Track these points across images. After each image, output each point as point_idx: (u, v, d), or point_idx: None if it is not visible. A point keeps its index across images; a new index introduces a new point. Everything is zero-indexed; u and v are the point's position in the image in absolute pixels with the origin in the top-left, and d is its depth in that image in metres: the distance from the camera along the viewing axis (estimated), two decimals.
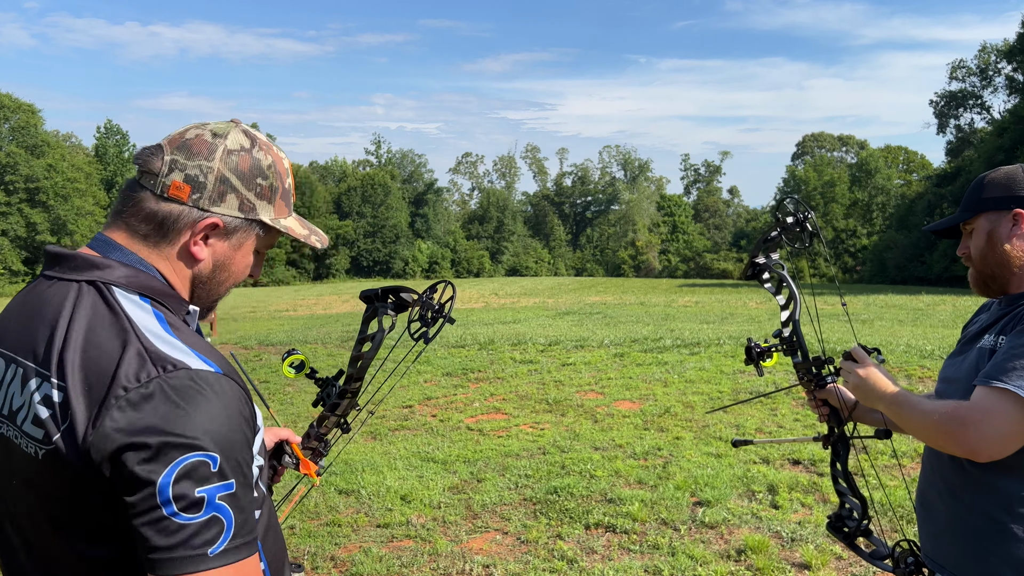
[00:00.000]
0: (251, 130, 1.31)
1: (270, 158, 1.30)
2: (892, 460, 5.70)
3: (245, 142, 1.27)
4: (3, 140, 53.78)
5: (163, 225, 1.20)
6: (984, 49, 54.17)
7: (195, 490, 0.99)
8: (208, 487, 1.00)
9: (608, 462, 6.04)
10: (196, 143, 1.22)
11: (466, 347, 12.39)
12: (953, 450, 1.66)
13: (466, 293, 38.82)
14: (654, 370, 9.60)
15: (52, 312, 1.13)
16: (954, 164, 53.52)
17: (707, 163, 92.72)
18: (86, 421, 1.03)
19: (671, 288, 44.17)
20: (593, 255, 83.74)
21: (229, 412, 1.06)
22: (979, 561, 1.73)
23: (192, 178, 1.21)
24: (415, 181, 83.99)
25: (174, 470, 0.98)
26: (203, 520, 0.99)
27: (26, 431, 1.09)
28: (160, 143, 1.23)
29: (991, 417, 1.58)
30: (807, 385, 2.13)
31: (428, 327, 1.72)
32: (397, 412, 8.46)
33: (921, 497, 1.95)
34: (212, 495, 1.00)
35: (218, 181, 1.22)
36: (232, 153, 1.24)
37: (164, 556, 0.98)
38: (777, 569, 4.08)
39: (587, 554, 4.42)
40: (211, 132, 1.24)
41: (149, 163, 1.21)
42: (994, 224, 1.80)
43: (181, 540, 0.98)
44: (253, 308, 33.44)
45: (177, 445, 0.99)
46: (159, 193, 1.20)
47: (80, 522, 1.08)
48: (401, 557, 4.47)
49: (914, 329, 15.93)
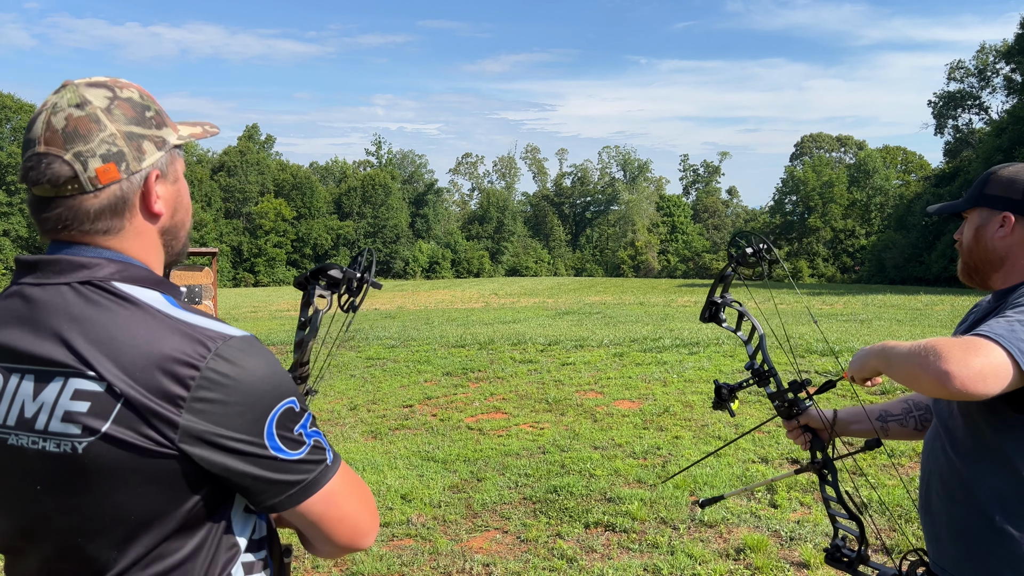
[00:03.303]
0: (94, 79, 1.24)
1: (133, 89, 1.26)
2: (890, 460, 5.73)
3: (107, 92, 1.21)
4: (4, 140, 53.82)
5: (116, 209, 1.20)
6: (983, 50, 54.25)
7: (293, 430, 1.16)
8: (299, 424, 1.18)
9: (607, 461, 6.06)
10: (77, 125, 1.16)
11: (466, 347, 12.41)
12: (930, 377, 1.56)
13: (466, 293, 38.84)
14: (653, 370, 9.62)
15: (52, 313, 1.13)
16: (952, 165, 53.58)
17: (706, 163, 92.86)
18: (149, 402, 1.07)
19: (670, 288, 44.18)
20: (592, 255, 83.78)
21: (276, 361, 1.20)
22: (977, 561, 1.74)
23: (108, 155, 1.18)
24: (415, 182, 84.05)
25: (272, 422, 1.14)
26: (310, 447, 1.18)
27: (53, 430, 1.09)
28: (35, 152, 1.16)
29: (974, 348, 1.54)
30: (785, 413, 2.08)
31: (354, 296, 1.79)
32: (397, 412, 8.48)
33: (922, 501, 1.96)
34: (304, 428, 1.18)
35: (126, 139, 1.20)
36: (111, 110, 1.20)
37: (296, 488, 1.16)
38: (776, 568, 4.10)
39: (587, 553, 4.44)
40: (74, 107, 1.17)
41: (54, 176, 1.15)
42: (984, 220, 1.82)
43: (302, 470, 1.17)
44: (254, 308, 33.44)
45: (263, 403, 1.13)
46: (92, 189, 1.17)
47: (134, 507, 1.11)
48: (401, 556, 4.49)
49: (912, 329, 15.94)
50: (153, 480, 1.10)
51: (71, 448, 1.09)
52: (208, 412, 1.09)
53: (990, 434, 1.71)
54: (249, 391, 1.12)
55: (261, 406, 1.13)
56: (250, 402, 1.12)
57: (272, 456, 1.14)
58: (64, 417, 1.09)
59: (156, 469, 1.09)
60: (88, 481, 1.10)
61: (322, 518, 1.21)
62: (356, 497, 1.26)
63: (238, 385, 1.11)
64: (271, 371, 1.16)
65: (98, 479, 1.10)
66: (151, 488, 1.10)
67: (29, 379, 1.12)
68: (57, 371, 1.10)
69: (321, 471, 1.19)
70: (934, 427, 1.93)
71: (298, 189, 72.00)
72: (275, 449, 1.14)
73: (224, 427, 1.10)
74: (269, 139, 79.30)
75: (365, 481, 5.98)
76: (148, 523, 1.12)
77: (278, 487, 1.15)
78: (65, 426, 1.09)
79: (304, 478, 1.17)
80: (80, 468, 1.09)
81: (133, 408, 1.08)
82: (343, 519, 1.23)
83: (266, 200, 70.97)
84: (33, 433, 1.11)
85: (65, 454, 1.09)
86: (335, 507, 1.21)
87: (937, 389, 1.55)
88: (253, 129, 78.09)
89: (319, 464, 1.19)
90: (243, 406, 1.11)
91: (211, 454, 1.10)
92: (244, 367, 1.13)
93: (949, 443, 1.82)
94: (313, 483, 1.18)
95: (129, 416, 1.08)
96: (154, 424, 1.08)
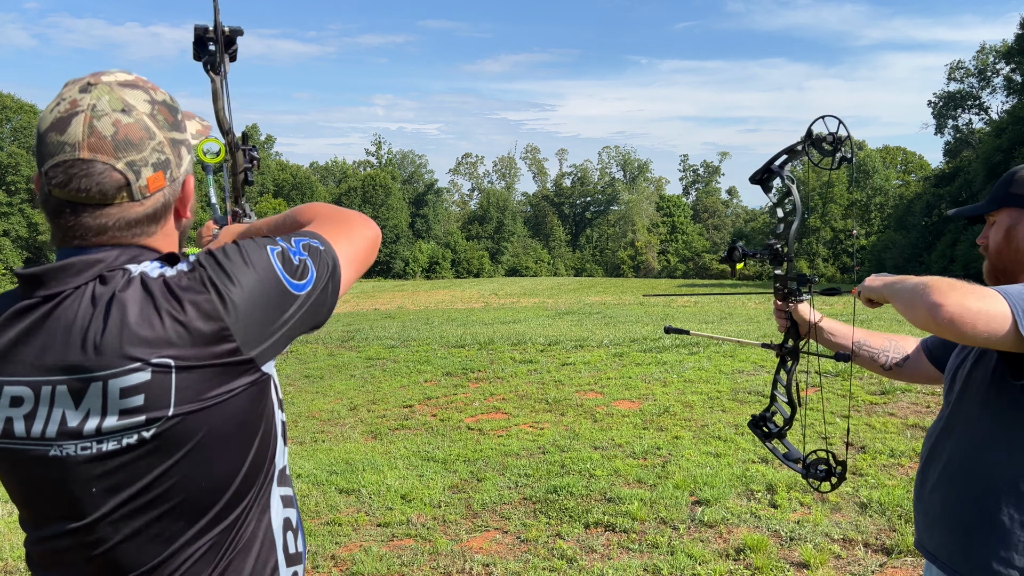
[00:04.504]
0: (122, 78, 1.19)
1: (161, 91, 1.24)
2: (891, 459, 5.73)
3: (144, 96, 1.19)
4: (4, 141, 53.78)
5: (156, 216, 1.20)
6: (983, 50, 54.20)
7: (294, 261, 1.23)
8: (293, 252, 1.24)
9: (607, 461, 6.06)
10: (128, 133, 1.14)
11: (466, 347, 12.41)
12: (924, 306, 1.56)
13: (466, 293, 38.85)
14: (653, 370, 9.62)
15: (80, 319, 1.10)
16: (952, 165, 53.54)
17: (706, 164, 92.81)
18: (202, 353, 1.11)
19: (670, 288, 44.17)
20: (592, 255, 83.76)
21: (247, 247, 1.23)
22: (969, 550, 1.75)
23: (159, 163, 1.18)
24: (415, 182, 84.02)
25: (285, 277, 1.21)
26: (310, 270, 1.25)
27: (109, 428, 1.09)
28: (78, 158, 1.11)
29: (977, 293, 1.55)
30: (780, 296, 2.16)
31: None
32: (397, 412, 8.48)
33: (917, 490, 1.97)
34: (296, 251, 1.24)
35: (171, 147, 1.20)
36: (155, 115, 1.18)
37: (331, 282, 1.29)
38: (776, 568, 4.10)
39: (586, 553, 4.44)
40: (120, 112, 1.14)
41: (106, 185, 1.12)
42: (1015, 220, 1.81)
43: (322, 281, 1.27)
44: None
45: (270, 276, 1.19)
46: (141, 198, 1.16)
47: (210, 479, 1.17)
48: (401, 556, 4.49)
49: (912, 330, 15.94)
50: (240, 406, 1.16)
51: (136, 441, 1.10)
52: (248, 321, 1.14)
53: (1015, 421, 1.71)
54: (254, 289, 1.16)
55: (271, 279, 1.18)
56: (261, 290, 1.17)
57: (298, 294, 1.20)
58: (121, 414, 1.09)
59: (243, 400, 1.16)
60: (172, 453, 1.13)
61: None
62: (351, 242, 1.35)
63: (242, 292, 1.14)
64: (253, 254, 1.18)
65: (182, 451, 1.13)
66: (238, 417, 1.17)
67: (61, 389, 1.09)
68: (91, 377, 1.08)
69: (332, 266, 1.27)
70: (942, 417, 1.93)
71: (298, 189, 71.94)
72: (297, 288, 1.20)
73: (267, 319, 1.16)
74: (269, 139, 79.29)
75: (365, 481, 5.97)
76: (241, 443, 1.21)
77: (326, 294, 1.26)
78: (123, 421, 1.09)
79: (327, 282, 1.26)
80: (144, 454, 1.11)
81: (191, 370, 1.09)
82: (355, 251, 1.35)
83: (266, 200, 70.84)
84: (83, 439, 1.10)
85: (126, 447, 1.10)
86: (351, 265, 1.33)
87: (926, 319, 1.55)
88: (253, 129, 77.97)
89: (326, 262, 1.26)
90: (262, 297, 1.16)
91: (276, 342, 1.19)
92: (238, 276, 1.15)
93: (966, 431, 1.82)
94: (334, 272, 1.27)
95: (192, 379, 1.10)
96: (222, 366, 1.12)
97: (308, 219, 1.40)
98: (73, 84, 1.17)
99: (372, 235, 1.40)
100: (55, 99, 1.17)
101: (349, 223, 1.38)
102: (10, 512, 5.58)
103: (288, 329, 1.20)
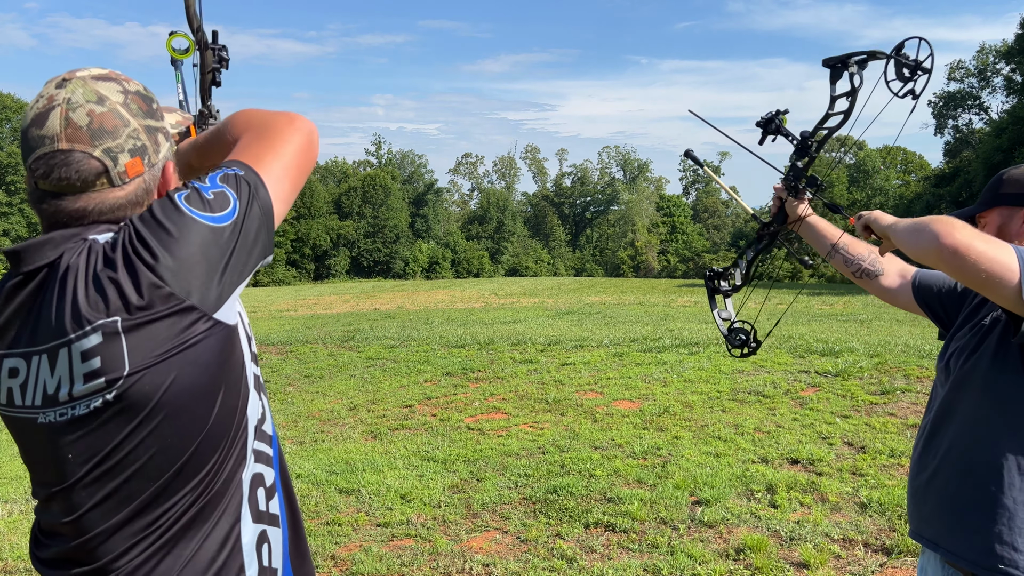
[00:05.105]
0: (96, 72, 1.26)
1: (135, 83, 1.29)
2: (891, 459, 5.73)
3: (117, 86, 1.24)
4: (4, 140, 53.79)
5: (138, 200, 1.24)
6: (983, 50, 54.19)
7: (207, 193, 1.22)
8: (205, 188, 1.23)
9: (607, 461, 6.06)
10: (103, 122, 1.19)
11: (466, 347, 12.41)
12: (930, 233, 1.58)
13: (466, 293, 38.82)
14: (653, 370, 9.61)
15: (56, 290, 1.16)
16: (952, 165, 53.54)
17: (706, 163, 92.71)
18: (152, 314, 1.12)
19: (670, 288, 44.17)
20: (592, 255, 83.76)
21: (164, 206, 1.23)
22: (973, 535, 1.76)
23: (135, 149, 1.22)
24: (415, 181, 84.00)
25: (204, 220, 1.20)
26: (230, 196, 1.24)
27: (78, 393, 1.14)
28: (57, 149, 1.17)
29: (986, 238, 1.56)
30: (786, 184, 2.29)
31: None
32: (397, 412, 8.48)
33: (912, 479, 1.97)
34: (205, 189, 1.23)
35: (147, 133, 1.24)
36: (127, 104, 1.23)
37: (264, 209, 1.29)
38: (776, 568, 4.10)
39: (586, 553, 4.44)
40: (94, 103, 1.19)
41: (85, 172, 1.18)
42: (1006, 220, 1.86)
43: (244, 205, 1.26)
44: (254, 308, 33.42)
45: (196, 228, 1.19)
46: (120, 183, 1.21)
47: (185, 429, 1.19)
48: (401, 556, 4.49)
49: (912, 329, 15.93)
50: (199, 357, 1.17)
51: (101, 403, 1.13)
52: (180, 269, 1.14)
53: (1016, 405, 1.73)
54: (181, 238, 1.16)
55: (190, 223, 1.17)
56: (190, 240, 1.17)
57: (224, 226, 1.19)
58: (86, 377, 1.13)
59: (202, 351, 1.17)
60: (137, 412, 1.15)
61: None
62: (278, 158, 1.33)
63: (172, 242, 1.15)
64: (167, 210, 1.18)
65: (146, 410, 1.15)
66: (204, 372, 1.18)
67: (43, 359, 1.16)
68: (60, 344, 1.14)
69: (254, 187, 1.25)
70: (937, 406, 1.94)
71: None
72: (218, 220, 1.19)
73: (199, 262, 1.16)
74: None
75: (365, 481, 5.97)
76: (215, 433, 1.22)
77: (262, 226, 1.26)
78: (88, 385, 1.13)
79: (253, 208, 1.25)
80: (115, 412, 1.14)
81: (138, 328, 1.11)
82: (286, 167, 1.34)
83: None
84: (59, 406, 1.15)
85: (99, 407, 1.14)
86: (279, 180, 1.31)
87: (929, 245, 1.58)
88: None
89: (245, 185, 1.25)
90: (190, 243, 1.16)
91: (220, 283, 1.18)
92: (163, 232, 1.16)
93: (966, 417, 1.83)
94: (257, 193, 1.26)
95: (141, 336, 1.11)
96: (167, 318, 1.12)
97: (235, 135, 1.40)
98: (51, 82, 1.23)
99: (301, 138, 1.37)
100: (35, 97, 1.22)
101: (273, 134, 1.36)
102: (10, 512, 5.59)
103: (229, 265, 1.20)
